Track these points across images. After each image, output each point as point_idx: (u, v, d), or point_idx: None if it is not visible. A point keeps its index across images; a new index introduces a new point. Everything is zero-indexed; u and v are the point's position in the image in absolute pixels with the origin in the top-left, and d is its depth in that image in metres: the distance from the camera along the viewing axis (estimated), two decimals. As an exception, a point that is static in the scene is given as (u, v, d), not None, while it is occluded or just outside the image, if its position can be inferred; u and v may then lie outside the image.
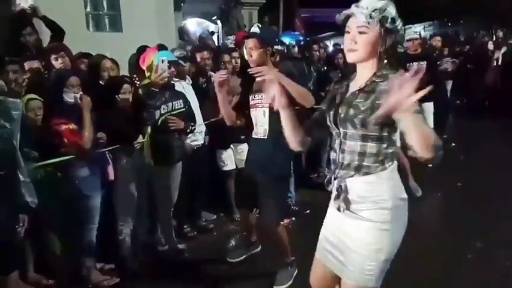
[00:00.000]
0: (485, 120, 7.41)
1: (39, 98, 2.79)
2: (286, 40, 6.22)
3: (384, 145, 1.65)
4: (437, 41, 6.67)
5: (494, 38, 9.49)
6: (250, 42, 2.79)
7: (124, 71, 4.08)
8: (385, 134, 1.64)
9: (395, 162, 1.70)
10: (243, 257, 3.32)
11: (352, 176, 1.68)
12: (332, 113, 1.75)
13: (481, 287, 2.82)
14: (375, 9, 1.57)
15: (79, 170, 2.82)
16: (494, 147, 6.07)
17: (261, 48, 2.75)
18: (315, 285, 1.93)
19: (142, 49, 3.96)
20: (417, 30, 17.66)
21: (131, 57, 4.26)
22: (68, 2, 5.57)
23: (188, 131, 3.34)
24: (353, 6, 1.62)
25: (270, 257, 3.15)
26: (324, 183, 1.81)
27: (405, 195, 1.72)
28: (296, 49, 5.87)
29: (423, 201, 4.38)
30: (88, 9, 6.26)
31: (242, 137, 3.95)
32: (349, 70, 1.78)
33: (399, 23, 1.63)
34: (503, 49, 8.05)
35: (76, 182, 2.81)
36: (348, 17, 1.63)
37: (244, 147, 4.01)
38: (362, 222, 1.67)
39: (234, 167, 4.01)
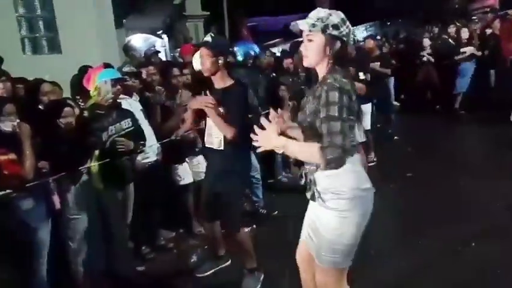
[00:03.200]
0: (427, 114, 7.79)
1: None
2: (240, 50, 6.26)
3: None
4: (370, 43, 6.83)
5: (431, 35, 9.97)
6: (203, 51, 2.87)
7: (67, 93, 3.94)
8: None
9: (356, 156, 1.88)
10: (211, 271, 3.27)
11: (316, 170, 1.88)
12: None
13: (433, 272, 2.92)
14: (318, 19, 1.79)
15: (22, 202, 2.66)
16: (436, 138, 6.38)
17: (214, 57, 2.83)
18: (299, 261, 2.16)
19: (84, 69, 3.84)
20: (361, 31, 18.38)
21: (73, 78, 4.11)
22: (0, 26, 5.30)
23: (138, 150, 3.25)
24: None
25: (241, 270, 3.09)
26: (298, 178, 2.07)
27: (367, 186, 1.92)
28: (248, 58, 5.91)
29: (377, 192, 4.52)
30: (23, 32, 5.98)
31: (196, 150, 3.96)
32: (311, 74, 1.99)
33: (344, 29, 1.81)
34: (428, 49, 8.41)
35: (20, 215, 2.65)
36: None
37: (200, 159, 4.00)
38: (326, 210, 1.89)
39: (191, 180, 3.95)
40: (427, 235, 3.42)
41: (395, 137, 6.73)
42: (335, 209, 1.85)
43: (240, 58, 5.56)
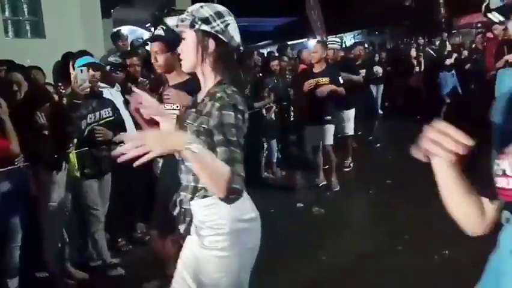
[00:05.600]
0: (410, 122, 7.91)
1: None
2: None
3: None
4: (360, 50, 6.84)
5: (415, 46, 10.21)
6: (154, 46, 2.55)
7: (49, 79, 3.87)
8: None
9: None
10: None
11: (192, 198, 1.54)
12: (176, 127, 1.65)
13: (411, 277, 2.95)
14: (187, 13, 1.50)
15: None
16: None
17: (168, 52, 2.51)
18: None
19: (67, 56, 3.78)
20: (349, 38, 18.58)
21: (55, 64, 4.04)
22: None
23: (118, 140, 3.21)
24: None
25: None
26: (170, 207, 1.66)
27: (252, 215, 1.56)
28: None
29: (357, 198, 4.60)
30: (6, 14, 5.85)
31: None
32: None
33: (217, 24, 1.49)
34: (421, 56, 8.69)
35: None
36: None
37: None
38: (203, 249, 1.53)
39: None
40: (404, 241, 3.47)
41: (377, 145, 6.82)
42: (213, 247, 1.50)
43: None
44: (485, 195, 0.99)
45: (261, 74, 5.70)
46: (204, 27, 1.48)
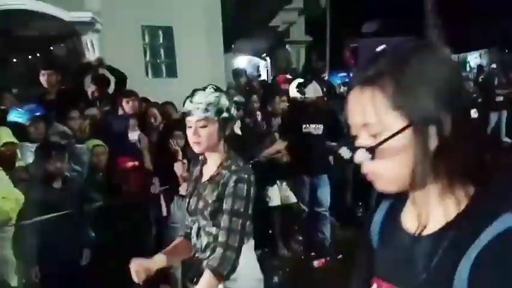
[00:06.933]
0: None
1: (103, 144, 3.14)
2: (334, 81, 6.48)
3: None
4: None
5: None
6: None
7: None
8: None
9: (251, 241, 1.74)
10: None
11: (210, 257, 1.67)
12: (186, 201, 1.83)
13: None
14: (210, 104, 1.64)
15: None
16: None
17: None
18: None
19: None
20: (474, 58, 17.14)
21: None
22: (129, 53, 6.19)
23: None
24: (187, 102, 1.69)
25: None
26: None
27: (259, 276, 1.74)
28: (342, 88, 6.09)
29: None
30: (148, 58, 6.89)
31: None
32: None
33: (234, 111, 1.74)
34: None
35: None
36: (187, 114, 1.70)
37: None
38: None
39: (279, 203, 4.16)
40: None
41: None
42: None
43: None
44: None
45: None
46: (227, 115, 1.69)
